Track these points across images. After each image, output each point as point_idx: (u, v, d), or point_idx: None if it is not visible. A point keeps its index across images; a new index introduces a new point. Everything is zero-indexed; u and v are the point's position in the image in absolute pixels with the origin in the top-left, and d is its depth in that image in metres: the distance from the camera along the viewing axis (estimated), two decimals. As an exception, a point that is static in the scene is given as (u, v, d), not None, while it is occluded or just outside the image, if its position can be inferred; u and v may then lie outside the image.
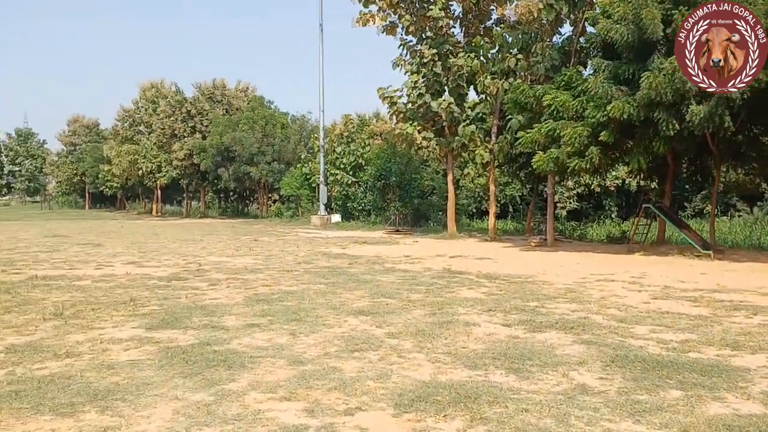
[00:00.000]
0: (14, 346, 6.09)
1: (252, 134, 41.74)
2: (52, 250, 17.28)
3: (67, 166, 75.16)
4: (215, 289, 10.08)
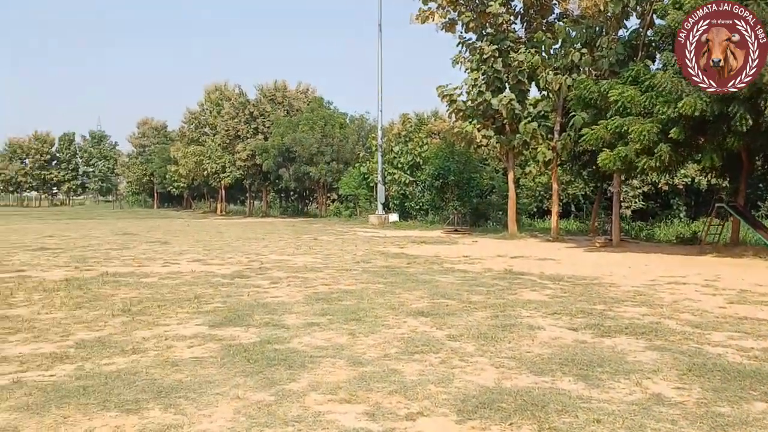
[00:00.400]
0: (84, 342, 6.28)
1: (311, 135, 42.25)
2: (122, 248, 17.93)
3: (136, 167, 78.26)
4: (276, 287, 10.17)
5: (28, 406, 4.30)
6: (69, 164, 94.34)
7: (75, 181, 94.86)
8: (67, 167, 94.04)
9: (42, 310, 8.06)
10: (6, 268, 12.84)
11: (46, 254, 15.87)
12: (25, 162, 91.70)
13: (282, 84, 50.07)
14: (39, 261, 14.21)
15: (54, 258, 14.94)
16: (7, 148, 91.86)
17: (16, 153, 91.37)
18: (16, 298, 8.95)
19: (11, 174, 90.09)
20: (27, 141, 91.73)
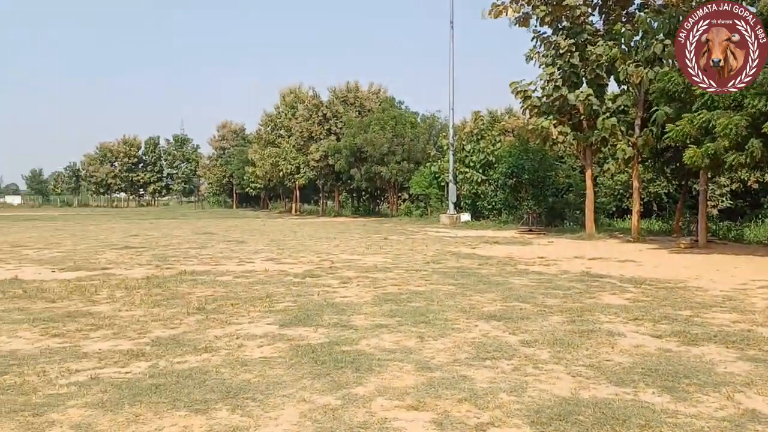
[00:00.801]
0: (159, 339, 6.45)
1: (382, 134, 42.39)
2: (201, 247, 18.54)
3: (216, 169, 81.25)
4: (346, 287, 10.17)
5: (103, 403, 4.42)
6: (154, 167, 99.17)
7: (160, 183, 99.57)
8: (153, 169, 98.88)
9: (122, 307, 8.37)
10: (93, 265, 13.51)
11: (130, 253, 16.62)
12: (114, 165, 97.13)
13: (354, 85, 50.56)
14: (123, 259, 14.88)
15: (137, 256, 15.61)
16: (98, 151, 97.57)
17: (106, 156, 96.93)
18: (100, 296, 9.36)
19: (102, 176, 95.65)
20: (116, 145, 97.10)
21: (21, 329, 6.95)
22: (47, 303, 8.69)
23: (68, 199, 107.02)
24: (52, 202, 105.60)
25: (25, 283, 10.66)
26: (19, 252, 16.93)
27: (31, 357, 5.70)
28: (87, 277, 11.49)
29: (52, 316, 7.67)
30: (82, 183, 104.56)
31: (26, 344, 6.24)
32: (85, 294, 9.45)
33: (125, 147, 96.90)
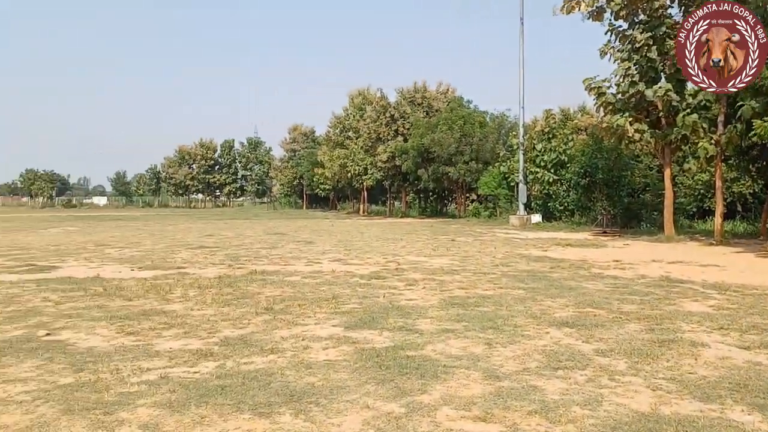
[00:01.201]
0: (228, 339, 6.54)
1: (450, 134, 42.01)
2: (271, 247, 18.90)
3: (288, 170, 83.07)
4: (412, 290, 10.05)
5: (171, 403, 4.49)
6: (229, 169, 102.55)
7: (234, 184, 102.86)
8: (228, 171, 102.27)
9: (194, 306, 8.58)
10: (169, 264, 14.00)
11: (204, 252, 17.14)
12: (192, 167, 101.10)
13: (422, 85, 50.42)
14: (197, 259, 15.34)
15: (211, 256, 16.07)
16: (177, 154, 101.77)
17: (184, 159, 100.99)
18: (174, 294, 9.65)
19: (180, 178, 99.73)
20: (194, 148, 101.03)
21: (99, 326, 7.23)
22: (124, 301, 9.03)
23: (149, 200, 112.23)
24: (135, 202, 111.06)
25: (106, 282, 11.15)
26: (102, 251, 17.79)
27: (106, 354, 5.90)
28: (163, 276, 11.90)
29: (128, 314, 7.95)
30: (162, 185, 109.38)
31: (103, 341, 6.47)
32: (160, 293, 9.77)
33: (202, 150, 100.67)
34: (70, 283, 10.90)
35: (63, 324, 7.38)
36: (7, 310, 8.28)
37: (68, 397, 4.61)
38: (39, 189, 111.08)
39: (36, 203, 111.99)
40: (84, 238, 23.55)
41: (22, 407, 4.40)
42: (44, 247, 19.38)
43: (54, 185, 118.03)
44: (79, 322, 7.51)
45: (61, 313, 8.07)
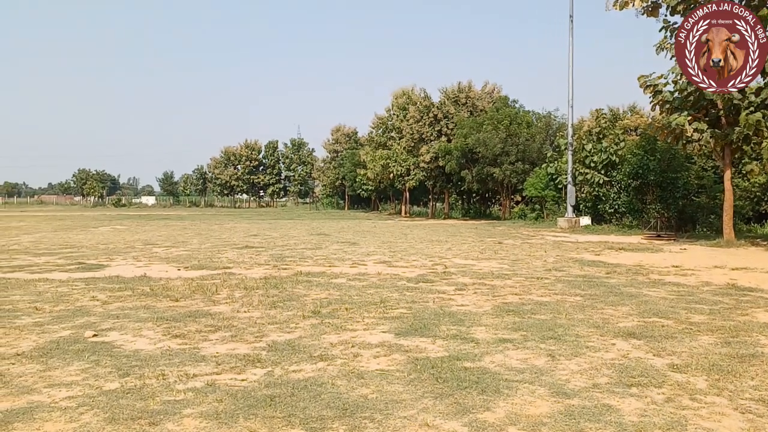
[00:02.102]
0: (275, 344, 6.30)
1: (496, 135, 41.29)
2: (315, 248, 18.75)
3: (330, 171, 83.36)
4: (462, 295, 9.66)
5: (218, 414, 4.24)
6: (273, 169, 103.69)
7: (278, 185, 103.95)
8: (272, 172, 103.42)
9: (241, 308, 8.40)
10: (215, 264, 13.96)
11: (249, 252, 17.09)
12: (237, 168, 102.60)
13: (466, 85, 49.74)
14: (243, 259, 15.28)
15: (256, 256, 16.00)
16: (222, 155, 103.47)
17: (230, 160, 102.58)
18: (220, 295, 9.51)
19: (226, 178, 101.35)
20: (239, 149, 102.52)
21: (145, 328, 7.10)
22: (171, 302, 8.93)
23: (195, 199, 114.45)
24: (182, 202, 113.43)
25: (153, 281, 11.12)
26: (150, 250, 17.95)
27: (153, 358, 5.73)
28: (209, 276, 11.83)
29: (175, 316, 7.81)
30: (208, 185, 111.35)
31: (149, 344, 6.32)
32: (206, 293, 9.65)
33: (247, 151, 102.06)
34: (118, 283, 10.91)
35: (110, 325, 7.28)
36: (56, 310, 8.26)
37: (113, 404, 4.42)
38: (90, 188, 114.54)
39: (87, 202, 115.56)
40: (132, 237, 23.92)
41: (66, 414, 4.22)
42: (94, 245, 19.71)
43: (105, 185, 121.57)
44: (126, 323, 7.41)
45: (108, 314, 8.00)
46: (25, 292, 9.73)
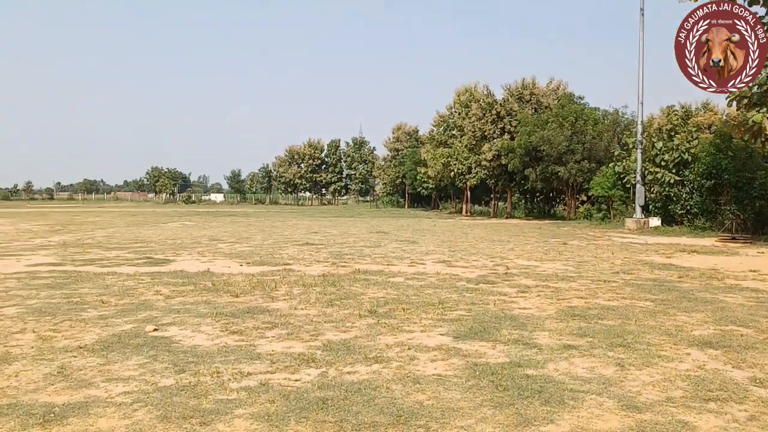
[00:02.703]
0: (331, 343, 6.20)
1: (561, 132, 40.15)
2: (374, 246, 18.69)
3: (390, 170, 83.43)
4: (524, 297, 9.32)
5: (269, 415, 4.16)
6: (335, 168, 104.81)
7: (339, 183, 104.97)
8: (334, 170, 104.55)
9: (298, 305, 8.38)
10: (276, 261, 14.08)
11: (309, 249, 17.20)
12: (300, 166, 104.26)
13: (530, 81, 48.63)
14: (303, 256, 15.37)
15: (316, 253, 16.07)
16: (287, 154, 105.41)
17: (293, 158, 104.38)
18: (279, 292, 9.53)
19: (290, 177, 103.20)
20: (302, 148, 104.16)
21: (204, 323, 7.16)
22: (231, 297, 9.01)
23: (261, 197, 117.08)
24: (248, 199, 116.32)
25: (215, 277, 11.30)
26: (215, 246, 18.35)
27: (209, 355, 5.73)
28: (269, 273, 11.92)
29: (234, 312, 7.86)
30: (273, 183, 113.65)
31: (206, 340, 6.35)
32: (265, 290, 9.70)
33: (310, 149, 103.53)
34: (182, 277, 11.14)
35: (171, 320, 7.39)
36: (121, 303, 8.47)
37: (167, 401, 4.41)
38: (162, 186, 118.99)
39: (160, 199, 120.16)
40: (199, 233, 24.58)
41: (120, 411, 4.24)
42: (162, 240, 20.33)
43: (176, 182, 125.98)
44: (186, 318, 7.50)
45: (170, 308, 8.14)
46: (94, 285, 10.06)
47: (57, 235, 22.77)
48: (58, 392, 4.61)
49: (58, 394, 4.56)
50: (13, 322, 7.14)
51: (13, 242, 19.21)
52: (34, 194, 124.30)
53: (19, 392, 4.61)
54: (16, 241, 19.51)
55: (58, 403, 4.35)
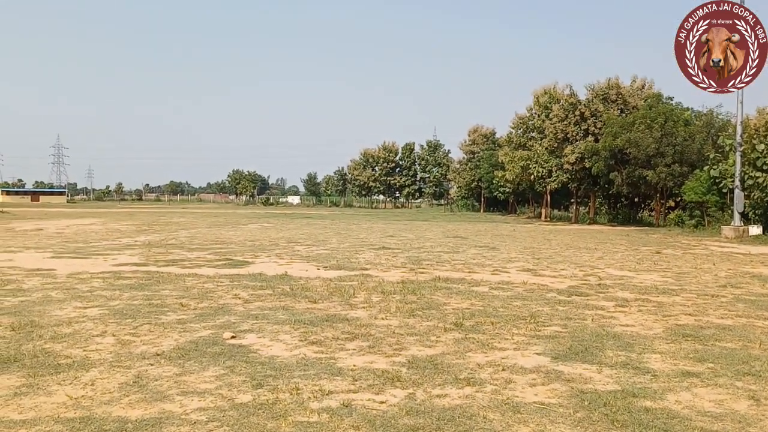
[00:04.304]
0: (416, 360, 5.71)
1: (649, 134, 38.02)
2: (453, 251, 18.08)
3: (466, 173, 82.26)
4: (624, 313, 8.49)
5: (355, 447, 3.72)
6: (409, 171, 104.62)
7: (413, 186, 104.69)
8: (407, 173, 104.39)
9: (378, 314, 7.95)
10: (353, 265, 13.77)
11: (386, 254, 16.82)
12: (375, 169, 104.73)
13: (615, 81, 46.44)
14: (380, 260, 15.00)
15: (393, 258, 15.66)
16: (361, 157, 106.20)
17: (368, 161, 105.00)
18: (357, 299, 9.15)
19: (364, 180, 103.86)
20: (377, 151, 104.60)
21: (282, 331, 6.85)
22: (309, 303, 8.71)
23: (336, 199, 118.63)
24: (323, 202, 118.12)
25: (293, 281, 11.08)
26: (292, 248, 18.32)
27: (287, 368, 5.38)
28: (347, 277, 11.60)
29: (312, 319, 7.53)
30: (348, 186, 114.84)
31: (285, 350, 6.01)
32: (344, 296, 9.35)
33: (384, 153, 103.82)
34: (260, 281, 10.99)
35: (249, 326, 7.13)
36: (200, 306, 8.33)
37: (243, 422, 4.06)
38: (243, 188, 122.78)
39: (240, 201, 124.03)
40: (277, 234, 24.77)
41: (194, 430, 3.92)
42: (242, 241, 20.55)
43: (255, 185, 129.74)
44: (265, 324, 7.23)
45: (248, 313, 7.91)
46: (175, 287, 10.04)
47: (143, 234, 23.53)
48: (132, 405, 4.36)
49: (133, 408, 4.30)
50: (95, 324, 7.08)
51: (102, 241, 19.93)
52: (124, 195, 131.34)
53: (94, 403, 4.39)
54: (105, 241, 20.24)
55: (132, 419, 4.08)
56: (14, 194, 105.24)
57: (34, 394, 4.55)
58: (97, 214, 47.45)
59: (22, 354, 5.63)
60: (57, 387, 4.72)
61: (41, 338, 6.32)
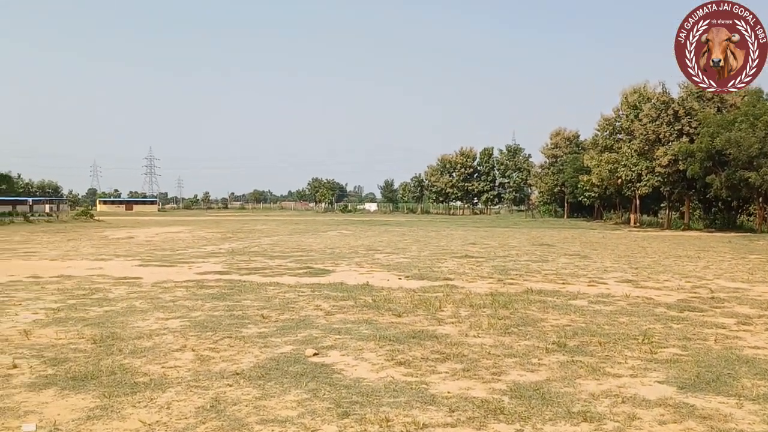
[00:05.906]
0: (518, 387, 5.05)
1: (752, 133, 35.20)
2: (541, 260, 17.12)
3: (548, 177, 79.68)
4: (750, 332, 7.45)
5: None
6: (488, 176, 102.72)
7: (492, 192, 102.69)
8: (486, 179, 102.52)
9: (469, 331, 7.32)
10: (436, 275, 13.18)
11: (470, 263, 16.10)
12: (452, 175, 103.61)
13: (712, 78, 43.46)
14: (464, 270, 14.33)
15: (477, 267, 14.95)
16: (439, 163, 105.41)
17: (445, 167, 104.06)
18: (444, 312, 8.56)
19: (441, 186, 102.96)
20: (454, 156, 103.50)
21: (367, 349, 6.36)
22: (393, 317, 8.20)
23: (413, 206, 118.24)
24: (400, 209, 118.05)
25: (375, 291, 10.62)
26: (372, 256, 17.93)
27: (375, 393, 4.86)
28: (431, 288, 11.02)
29: (398, 336, 7.00)
30: (425, 192, 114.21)
31: (371, 371, 5.51)
32: (429, 309, 8.78)
33: (462, 158, 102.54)
34: (342, 291, 10.60)
35: (331, 342, 6.69)
36: (282, 319, 8.00)
37: (329, 462, 3.57)
38: (322, 196, 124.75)
39: (319, 208, 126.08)
40: (356, 242, 24.53)
41: (275, 471, 3.46)
42: (322, 249, 20.40)
43: (334, 192, 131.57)
44: (348, 340, 6.77)
45: (330, 327, 7.49)
46: (256, 297, 9.81)
47: (227, 242, 23.90)
48: (208, 434, 3.97)
49: (208, 437, 3.91)
50: (175, 337, 6.86)
51: (188, 249, 20.33)
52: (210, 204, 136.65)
53: (168, 430, 4.03)
54: (191, 248, 20.63)
55: (207, 452, 3.68)
56: (111, 204, 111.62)
57: (108, 418, 4.25)
58: (185, 222, 49.25)
59: (100, 371, 5.41)
60: (131, 410, 4.41)
61: (121, 352, 6.13)
